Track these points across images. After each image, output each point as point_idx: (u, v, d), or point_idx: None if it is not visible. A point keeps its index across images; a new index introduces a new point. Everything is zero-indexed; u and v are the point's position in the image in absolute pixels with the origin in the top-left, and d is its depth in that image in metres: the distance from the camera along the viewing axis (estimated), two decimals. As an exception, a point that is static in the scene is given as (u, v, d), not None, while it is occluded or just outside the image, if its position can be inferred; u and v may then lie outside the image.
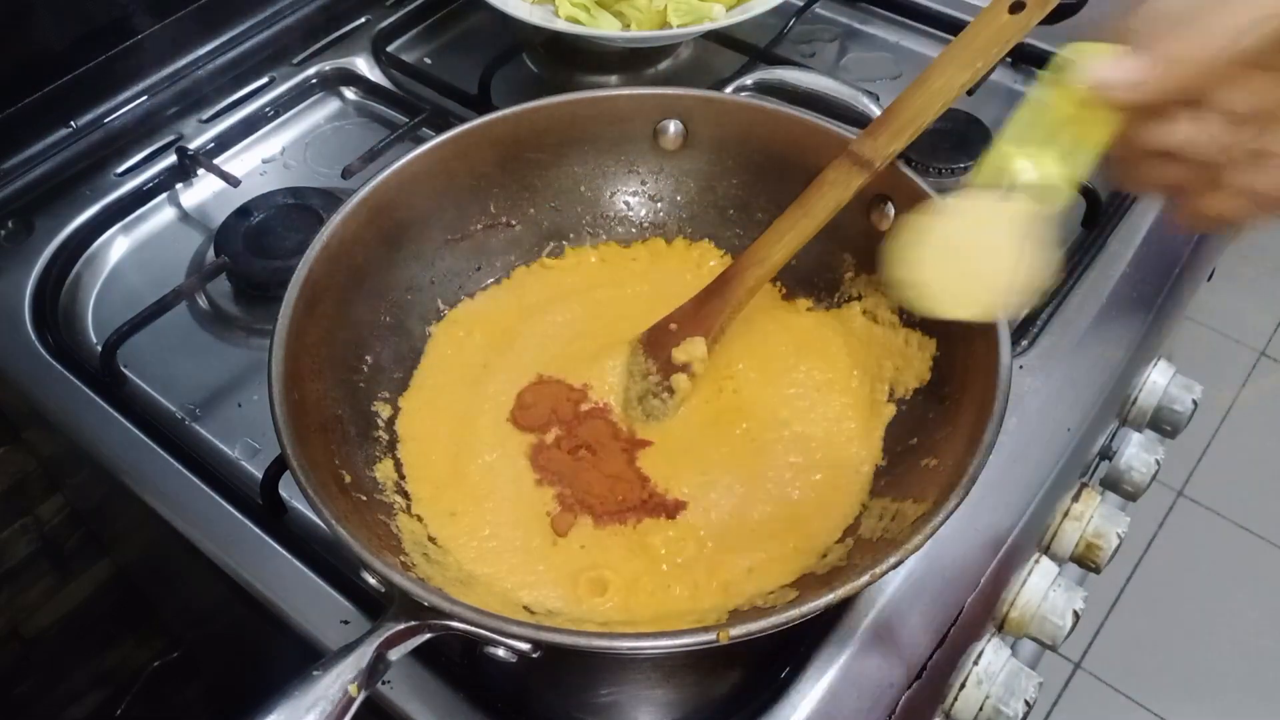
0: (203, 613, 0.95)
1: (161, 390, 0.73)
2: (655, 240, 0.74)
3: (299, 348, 0.57)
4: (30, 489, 0.93)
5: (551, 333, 0.69)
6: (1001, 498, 0.66)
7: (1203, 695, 1.58)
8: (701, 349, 0.63)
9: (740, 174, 0.72)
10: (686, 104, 0.70)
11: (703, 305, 0.64)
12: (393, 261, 0.66)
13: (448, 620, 0.46)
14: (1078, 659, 1.62)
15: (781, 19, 0.95)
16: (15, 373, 0.73)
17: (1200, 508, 1.80)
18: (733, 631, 0.45)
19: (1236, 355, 2.02)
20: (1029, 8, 0.61)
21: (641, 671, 0.59)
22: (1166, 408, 0.83)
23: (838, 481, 0.61)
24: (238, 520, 0.64)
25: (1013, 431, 0.67)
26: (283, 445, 0.52)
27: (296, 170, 0.89)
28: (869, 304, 0.67)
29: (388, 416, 0.64)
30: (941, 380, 0.61)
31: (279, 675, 0.45)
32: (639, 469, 0.62)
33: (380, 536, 0.54)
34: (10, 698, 1.04)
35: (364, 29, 0.99)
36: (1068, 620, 0.68)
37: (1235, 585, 1.69)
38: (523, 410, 0.65)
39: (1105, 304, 0.75)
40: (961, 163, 0.81)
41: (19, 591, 0.98)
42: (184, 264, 0.82)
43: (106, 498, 0.85)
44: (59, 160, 0.85)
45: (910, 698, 0.58)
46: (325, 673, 0.44)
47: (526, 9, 0.90)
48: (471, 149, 0.68)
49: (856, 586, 0.47)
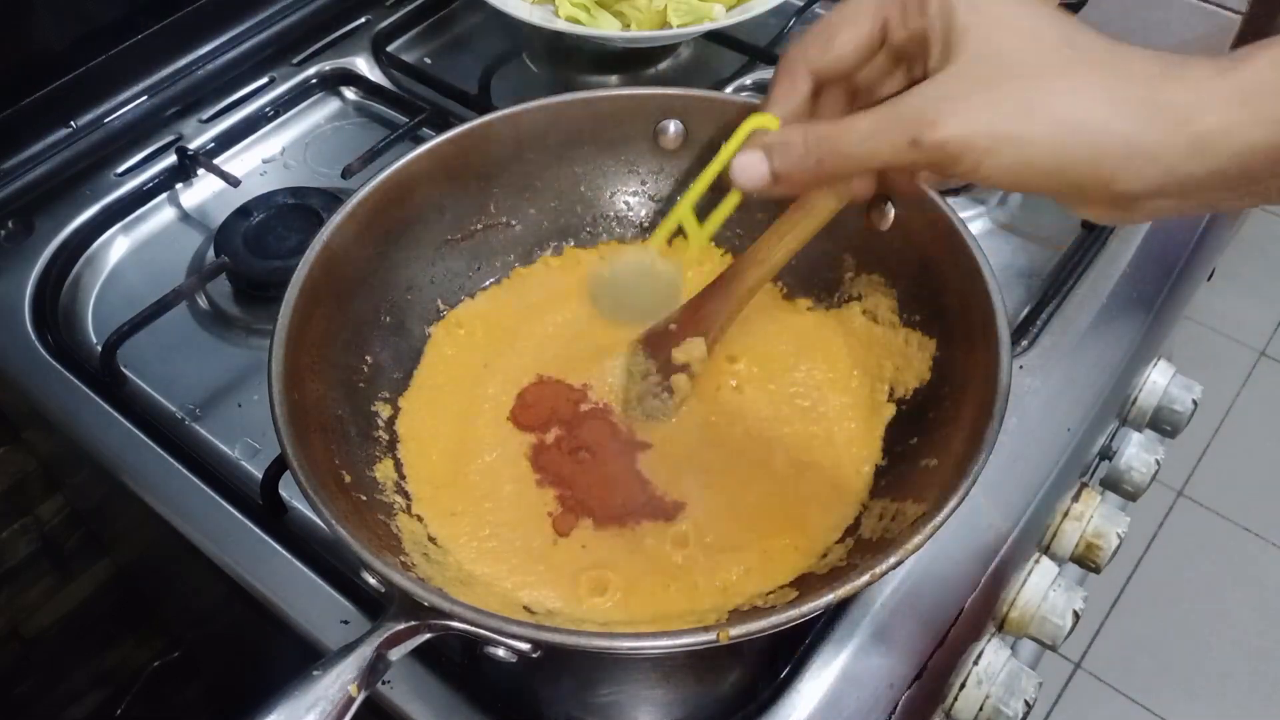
0: (203, 613, 0.95)
1: (161, 390, 0.73)
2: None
3: (299, 348, 0.57)
4: (30, 489, 0.93)
5: (552, 333, 0.69)
6: (1001, 498, 0.66)
7: (1203, 695, 1.58)
8: (701, 349, 0.63)
9: (740, 174, 0.71)
10: (686, 104, 0.70)
11: (702, 306, 0.64)
12: (393, 261, 0.66)
13: (448, 620, 0.46)
14: (1078, 659, 1.62)
15: (781, 19, 0.95)
16: (15, 373, 0.73)
17: (1200, 508, 1.80)
18: (733, 631, 0.45)
19: (1236, 355, 2.02)
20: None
21: (641, 671, 0.59)
22: (1166, 408, 0.83)
23: (838, 481, 0.61)
24: (238, 520, 0.64)
25: (1013, 431, 0.67)
26: (283, 445, 0.52)
27: (296, 170, 0.89)
28: (869, 304, 0.67)
29: (388, 416, 0.64)
30: (941, 380, 0.61)
31: (279, 675, 0.45)
32: (639, 470, 0.62)
33: (380, 536, 0.54)
34: (10, 698, 1.04)
35: (364, 29, 0.99)
36: (1068, 620, 0.68)
37: (1235, 585, 1.69)
38: (523, 410, 0.65)
39: (1105, 304, 0.75)
40: (961, 163, 0.81)
41: (19, 591, 0.98)
42: (184, 264, 0.82)
43: (106, 498, 0.86)
44: (59, 160, 0.85)
45: (910, 698, 0.58)
46: (325, 673, 0.44)
47: (526, 9, 0.90)
48: (471, 149, 0.68)
49: (856, 586, 0.47)
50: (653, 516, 0.60)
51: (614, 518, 0.60)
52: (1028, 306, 0.75)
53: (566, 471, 0.62)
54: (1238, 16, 1.18)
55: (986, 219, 0.82)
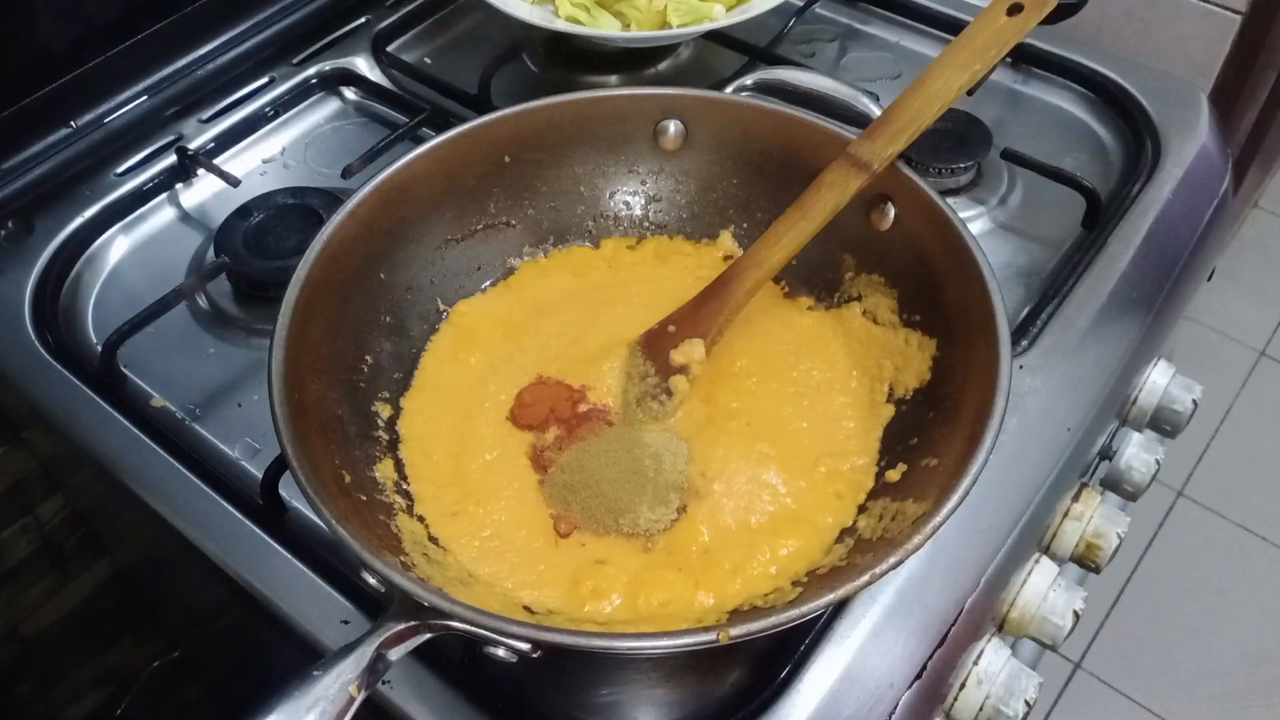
0: (203, 613, 0.95)
1: (161, 390, 0.73)
2: (657, 239, 0.74)
3: (299, 348, 0.57)
4: (30, 489, 0.93)
5: (554, 332, 0.69)
6: (1001, 498, 0.66)
7: (1203, 695, 1.58)
8: (699, 351, 0.63)
9: (740, 174, 0.72)
10: (686, 104, 0.70)
11: (701, 307, 0.64)
12: (393, 261, 0.66)
13: (448, 620, 0.47)
14: (1078, 659, 1.62)
15: (781, 19, 0.95)
16: (15, 373, 0.73)
17: (1200, 508, 1.80)
18: (733, 631, 0.45)
19: (1236, 355, 2.01)
20: (1027, 9, 0.61)
21: (641, 671, 0.59)
22: (1166, 408, 0.83)
23: (837, 481, 0.61)
24: (238, 520, 0.64)
25: (1013, 431, 0.67)
26: (283, 445, 0.52)
27: (296, 170, 0.89)
28: (869, 304, 0.67)
29: (388, 416, 0.64)
30: (941, 380, 0.61)
31: (279, 675, 0.45)
32: (639, 469, 0.62)
33: (380, 536, 0.54)
34: (10, 698, 1.04)
35: (364, 29, 0.99)
36: (1068, 620, 0.68)
37: (1235, 585, 1.69)
38: (521, 410, 0.65)
39: (1105, 304, 0.75)
40: (961, 162, 0.81)
41: (19, 591, 0.98)
42: (184, 264, 0.82)
43: (106, 498, 0.85)
44: (59, 160, 0.85)
45: (910, 698, 0.58)
46: (325, 673, 0.44)
47: (526, 9, 0.90)
48: (471, 149, 0.68)
49: (856, 586, 0.47)
50: (653, 516, 0.60)
51: (614, 518, 0.60)
52: (1028, 306, 0.75)
53: (566, 471, 0.62)
54: (1238, 17, 1.18)
55: (986, 219, 0.82)
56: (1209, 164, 0.85)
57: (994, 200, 0.83)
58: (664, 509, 0.59)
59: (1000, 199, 0.83)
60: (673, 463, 0.61)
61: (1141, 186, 0.82)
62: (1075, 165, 0.84)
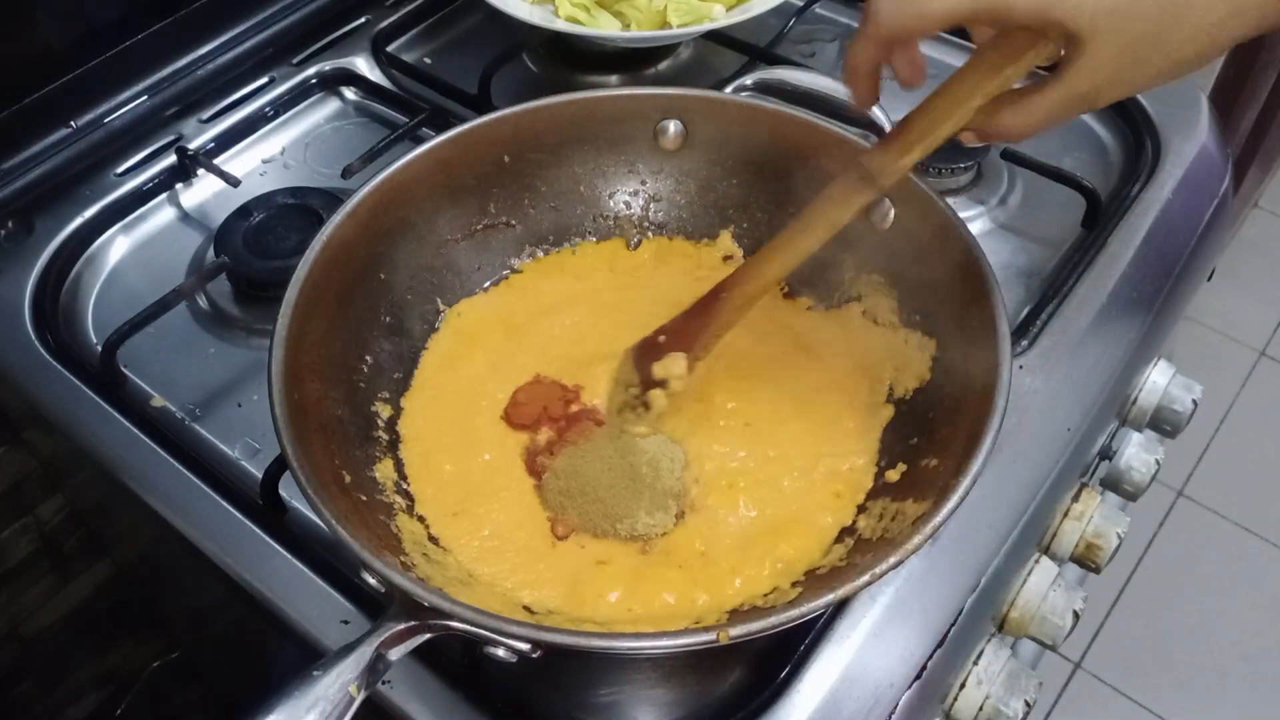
0: (203, 613, 0.95)
1: (161, 390, 0.73)
2: (657, 239, 0.74)
3: (299, 348, 0.57)
4: (30, 489, 0.93)
5: (554, 333, 0.69)
6: (1001, 498, 0.66)
7: (1203, 695, 1.58)
8: (680, 367, 0.61)
9: (740, 174, 0.72)
10: (686, 104, 0.70)
11: (691, 320, 0.62)
12: (393, 262, 0.66)
13: (448, 620, 0.47)
14: (1078, 659, 1.62)
15: (781, 19, 0.95)
16: (15, 373, 0.73)
17: (1200, 508, 1.80)
18: (733, 631, 0.45)
19: (1236, 355, 2.01)
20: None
21: (641, 671, 0.59)
22: (1166, 408, 0.83)
23: (837, 481, 0.61)
24: (238, 520, 0.64)
25: (1013, 431, 0.67)
26: (283, 445, 0.52)
27: (296, 170, 0.89)
28: (869, 304, 0.67)
29: (388, 416, 0.64)
30: (941, 380, 0.61)
31: (279, 675, 0.45)
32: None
33: (380, 536, 0.54)
34: (10, 698, 1.04)
35: (364, 29, 0.99)
36: (1068, 620, 0.68)
37: (1235, 585, 1.69)
38: (515, 409, 0.65)
39: (1105, 304, 0.75)
40: (961, 162, 0.81)
41: (19, 591, 0.98)
42: (184, 264, 0.82)
43: (106, 498, 0.85)
44: (59, 160, 0.85)
45: (910, 698, 0.58)
46: (325, 673, 0.44)
47: (526, 9, 0.90)
48: (471, 149, 0.68)
49: (856, 586, 0.47)
50: (652, 516, 0.60)
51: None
52: (1028, 306, 0.75)
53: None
54: (1238, 16, 1.18)
55: (986, 219, 0.82)
56: (1209, 164, 0.85)
57: (994, 200, 0.83)
58: (662, 514, 0.59)
59: (1000, 199, 0.83)
60: (670, 468, 0.60)
61: (1141, 186, 0.82)
62: (1075, 165, 0.84)
